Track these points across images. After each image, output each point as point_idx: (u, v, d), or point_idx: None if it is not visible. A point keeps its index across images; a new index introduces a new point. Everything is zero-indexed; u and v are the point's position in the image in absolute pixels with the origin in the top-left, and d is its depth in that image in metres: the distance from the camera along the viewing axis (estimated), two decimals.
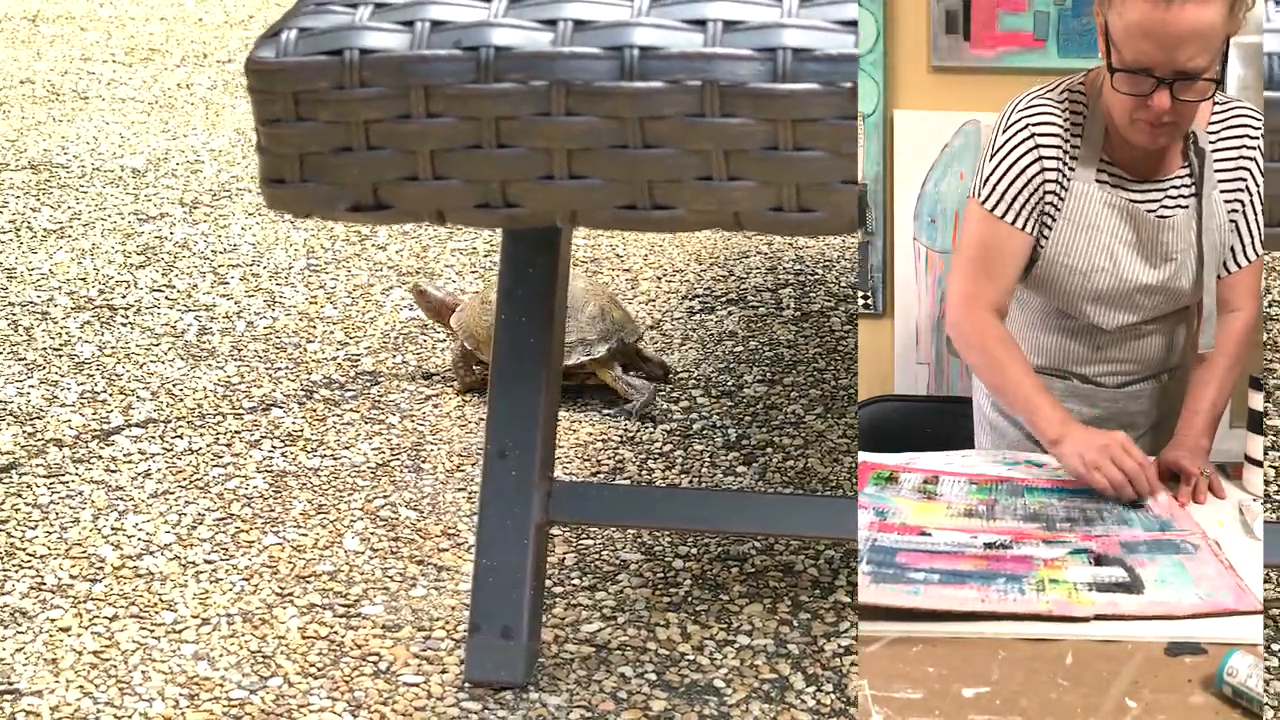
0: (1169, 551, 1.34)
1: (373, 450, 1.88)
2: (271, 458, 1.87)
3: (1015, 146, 1.52)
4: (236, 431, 1.93)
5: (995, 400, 1.65)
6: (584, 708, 1.42)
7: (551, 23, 1.16)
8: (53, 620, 1.55)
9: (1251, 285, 1.58)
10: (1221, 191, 1.54)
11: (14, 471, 1.83)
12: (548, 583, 1.61)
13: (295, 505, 1.76)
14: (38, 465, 1.85)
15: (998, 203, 1.53)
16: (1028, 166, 1.52)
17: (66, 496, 1.78)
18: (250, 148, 3.03)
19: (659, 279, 2.40)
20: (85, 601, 1.58)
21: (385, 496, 1.78)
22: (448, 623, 1.54)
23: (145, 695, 1.44)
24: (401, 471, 1.84)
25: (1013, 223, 1.53)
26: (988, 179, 1.53)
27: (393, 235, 2.56)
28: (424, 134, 1.17)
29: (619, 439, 1.91)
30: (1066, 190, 1.53)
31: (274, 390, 2.04)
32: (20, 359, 2.12)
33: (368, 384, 2.05)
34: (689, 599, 1.58)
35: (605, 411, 1.98)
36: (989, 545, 1.35)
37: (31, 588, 1.60)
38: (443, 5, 1.18)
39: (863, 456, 1.59)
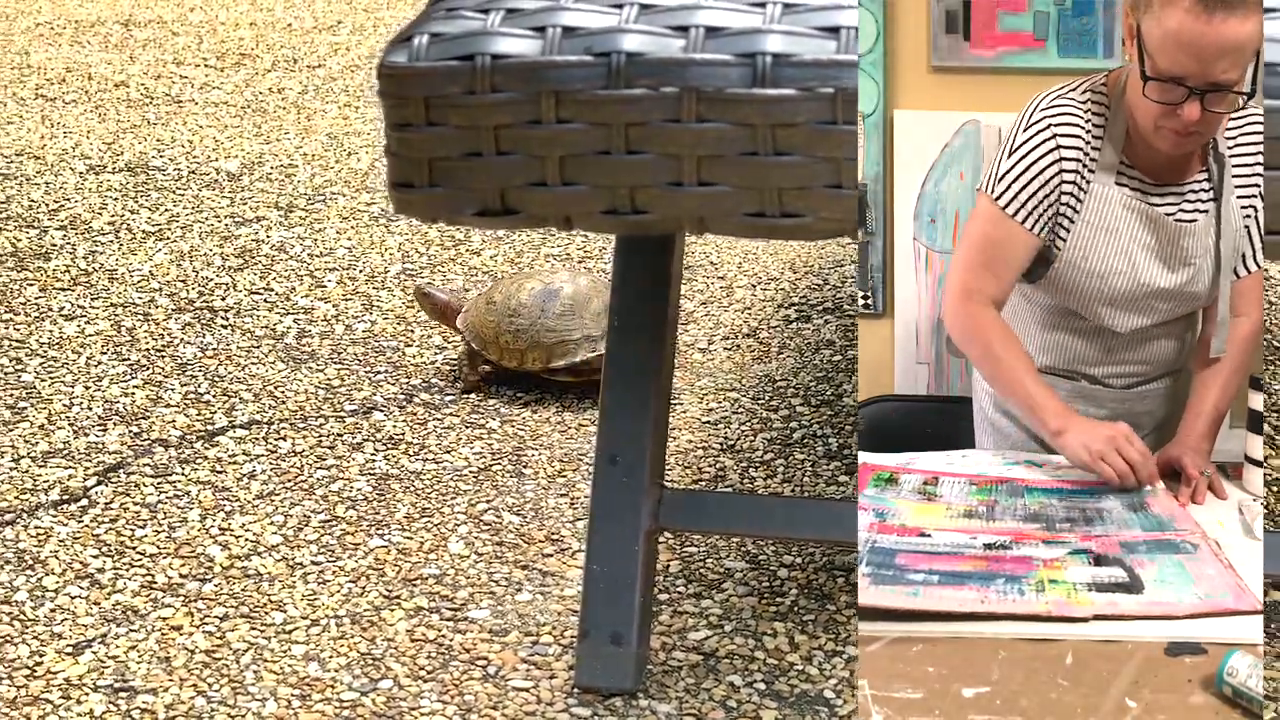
0: (1169, 551, 1.34)
1: (474, 455, 1.89)
2: (374, 460, 1.87)
3: (1036, 146, 1.50)
4: (339, 434, 1.94)
5: (997, 400, 1.64)
6: (694, 715, 1.42)
7: (683, 29, 1.16)
8: (164, 619, 1.56)
9: (1257, 291, 1.57)
10: (1238, 197, 1.53)
11: (122, 471, 1.85)
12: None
13: (399, 508, 1.77)
14: (145, 465, 1.86)
15: (1010, 200, 1.51)
16: (1046, 168, 1.50)
17: (174, 496, 1.79)
18: (342, 152, 3.05)
19: (754, 287, 2.40)
20: (196, 600, 1.59)
21: (488, 501, 1.79)
22: (554, 628, 1.55)
23: (258, 695, 1.45)
24: (503, 476, 1.84)
25: (1023, 222, 1.52)
26: (1003, 176, 1.51)
27: (486, 240, 2.57)
28: (553, 139, 1.17)
29: (719, 447, 1.91)
30: (1085, 192, 1.51)
31: (374, 393, 2.05)
32: (124, 359, 2.14)
33: (466, 388, 2.06)
34: (795, 608, 1.58)
35: (705, 420, 1.98)
36: (988, 546, 1.34)
37: (142, 586, 1.62)
38: (574, 11, 1.18)
39: (863, 457, 1.58)
